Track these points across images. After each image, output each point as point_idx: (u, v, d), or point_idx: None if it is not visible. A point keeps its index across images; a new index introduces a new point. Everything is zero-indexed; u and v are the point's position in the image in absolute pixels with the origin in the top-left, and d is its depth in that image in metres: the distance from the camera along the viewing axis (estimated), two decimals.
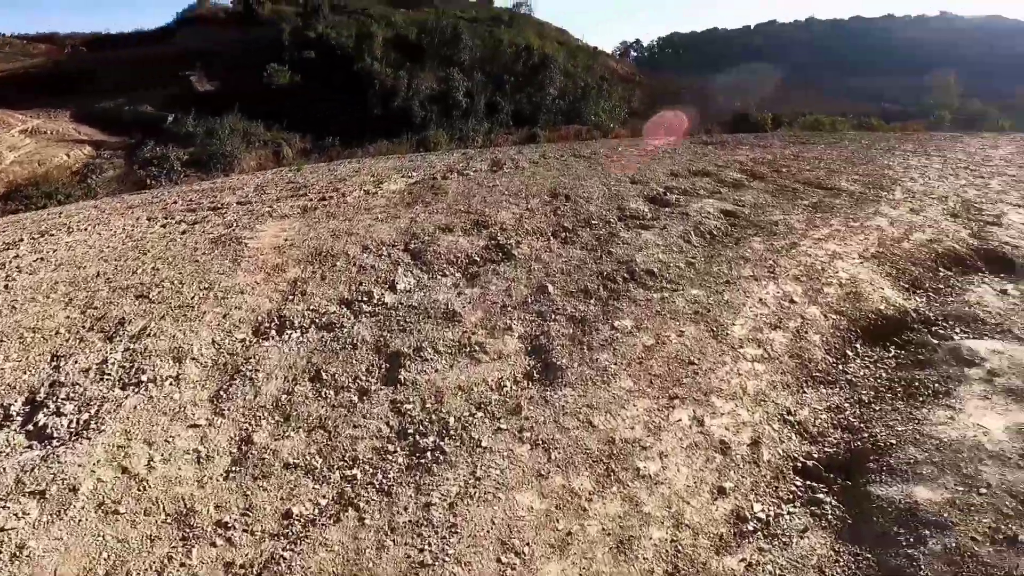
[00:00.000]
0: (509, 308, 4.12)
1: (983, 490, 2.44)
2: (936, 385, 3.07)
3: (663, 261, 4.66)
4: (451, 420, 3.15)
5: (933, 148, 10.75)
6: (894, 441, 2.76)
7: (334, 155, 15.60)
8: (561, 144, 12.28)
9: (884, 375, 3.30)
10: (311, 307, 4.21)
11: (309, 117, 18.15)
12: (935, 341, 3.50)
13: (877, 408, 3.04)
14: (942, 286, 4.22)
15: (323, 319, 4.06)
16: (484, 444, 2.97)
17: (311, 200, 6.75)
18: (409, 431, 3.10)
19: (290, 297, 4.35)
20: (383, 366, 3.61)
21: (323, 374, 3.53)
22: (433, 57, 26.33)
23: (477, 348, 3.71)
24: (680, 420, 3.05)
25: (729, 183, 7.08)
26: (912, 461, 2.64)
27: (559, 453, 2.90)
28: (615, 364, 3.49)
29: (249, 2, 26.77)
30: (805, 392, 3.25)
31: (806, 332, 3.67)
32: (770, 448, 2.88)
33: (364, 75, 21.58)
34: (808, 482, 2.75)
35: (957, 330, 3.60)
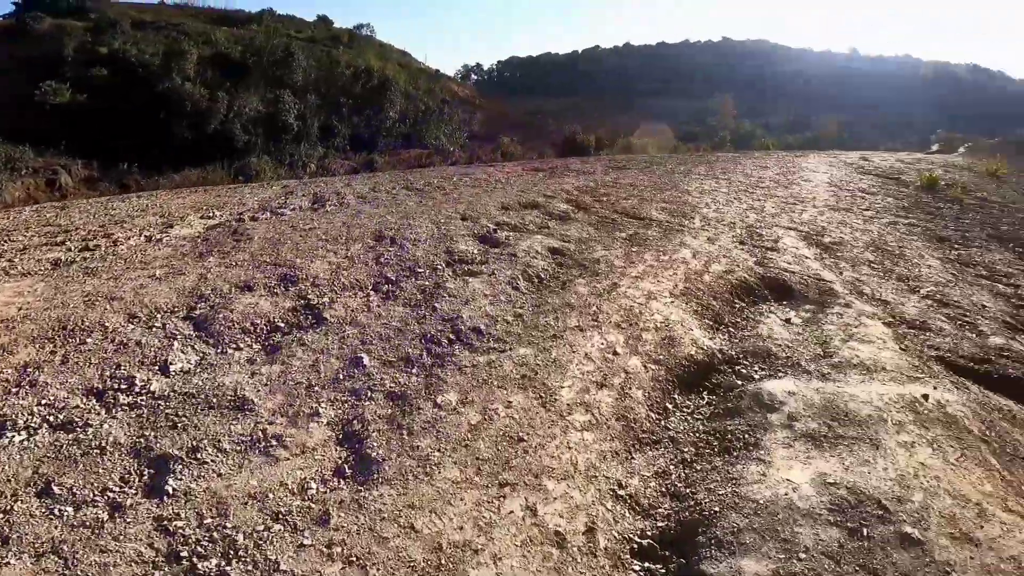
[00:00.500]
0: (316, 388, 3.43)
1: (802, 555, 2.34)
2: (746, 436, 3.04)
3: (491, 315, 4.29)
4: (240, 537, 2.43)
5: (720, 171, 11.96)
6: (717, 508, 2.62)
7: (132, 184, 13.22)
8: (396, 173, 11.64)
9: (701, 427, 3.23)
10: (44, 401, 3.13)
11: (100, 141, 15.27)
12: (740, 383, 3.54)
13: (699, 468, 2.92)
14: (739, 320, 4.39)
15: (60, 416, 3.04)
16: (284, 567, 2.31)
17: (70, 250, 5.32)
18: (183, 554, 2.33)
19: (15, 389, 3.21)
20: (144, 473, 2.74)
21: (55, 487, 2.60)
22: (261, 77, 24.08)
23: (275, 442, 2.99)
24: (512, 512, 2.64)
25: (557, 216, 7.04)
26: (736, 530, 2.49)
27: (378, 570, 2.34)
28: (439, 451, 3.00)
29: (22, 15, 22.13)
30: (633, 458, 3.04)
31: (630, 388, 3.51)
32: (606, 533, 2.58)
33: (173, 95, 18.87)
34: (646, 564, 2.49)
35: (756, 368, 3.69)
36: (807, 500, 2.55)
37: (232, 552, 2.35)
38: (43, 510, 2.47)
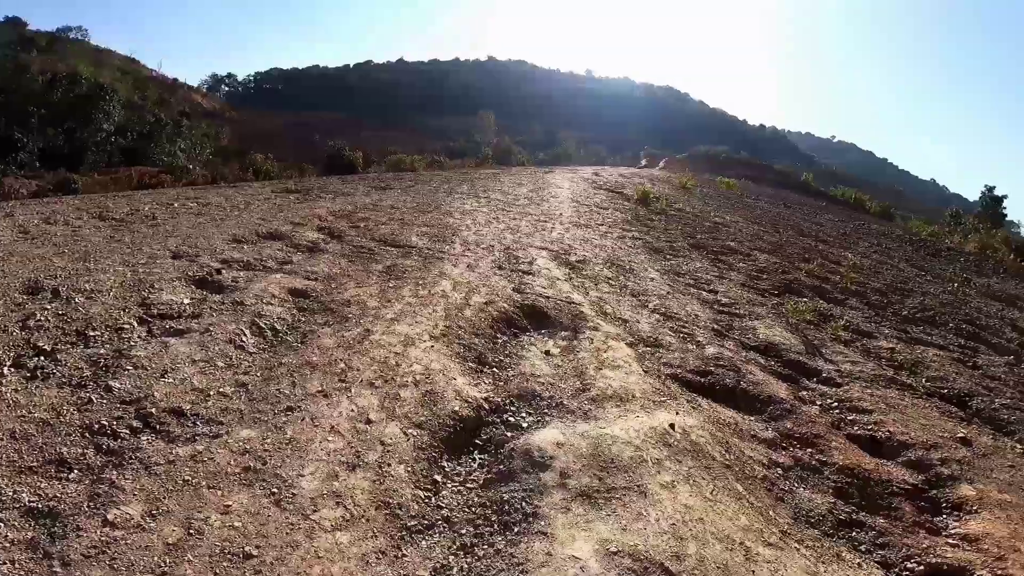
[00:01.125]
0: None
1: None
2: (524, 504, 2.64)
3: (200, 389, 3.19)
4: None
5: (481, 189, 12.08)
6: None
7: None
8: (91, 197, 8.98)
9: (476, 499, 2.74)
10: None
11: None
12: (510, 435, 3.17)
13: (481, 553, 2.41)
14: (502, 357, 4.07)
15: None
16: None
17: None
18: None
19: None
20: None
21: None
22: None
23: None
24: None
25: (304, 247, 6.02)
26: None
27: None
28: None
29: None
30: (404, 555, 2.40)
31: (389, 465, 2.85)
32: None
33: None
34: None
35: (524, 414, 3.37)
36: None
37: None
38: None
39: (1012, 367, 6.15)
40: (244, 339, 3.80)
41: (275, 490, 2.60)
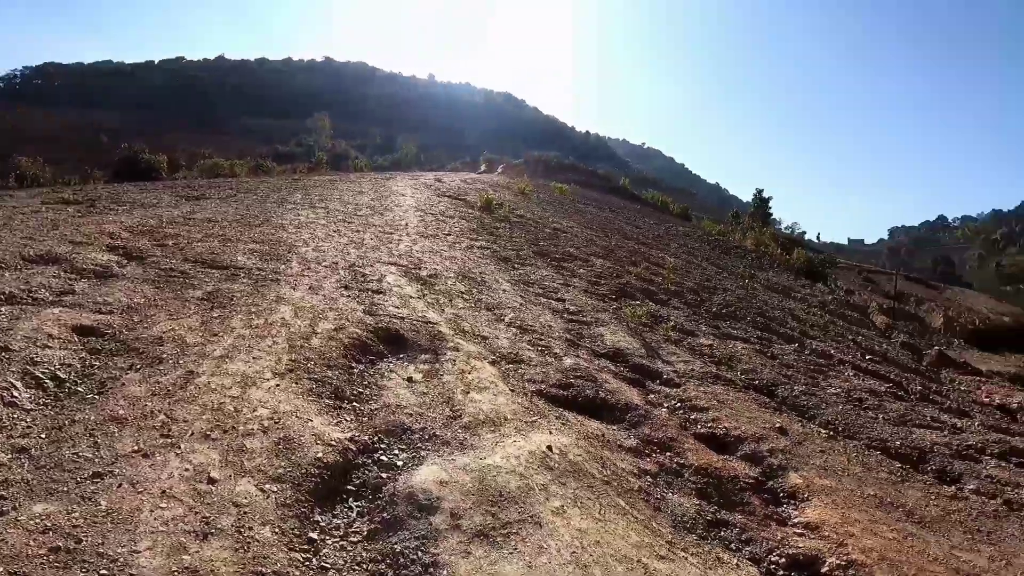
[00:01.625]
0: None
1: None
2: (419, 553, 2.43)
3: None
4: None
5: (317, 197, 11.19)
6: None
7: None
8: None
9: (364, 553, 2.45)
10: None
11: None
12: (385, 475, 2.92)
13: None
14: (361, 389, 3.74)
15: None
16: None
17: None
18: None
19: None
20: None
21: None
22: None
23: None
24: None
25: (91, 272, 4.92)
26: None
27: None
28: None
29: None
30: None
31: (251, 528, 2.42)
32: None
33: None
34: None
35: (396, 451, 3.12)
36: None
37: None
38: None
39: (799, 354, 7.47)
40: (15, 394, 2.94)
41: (104, 572, 2.07)
